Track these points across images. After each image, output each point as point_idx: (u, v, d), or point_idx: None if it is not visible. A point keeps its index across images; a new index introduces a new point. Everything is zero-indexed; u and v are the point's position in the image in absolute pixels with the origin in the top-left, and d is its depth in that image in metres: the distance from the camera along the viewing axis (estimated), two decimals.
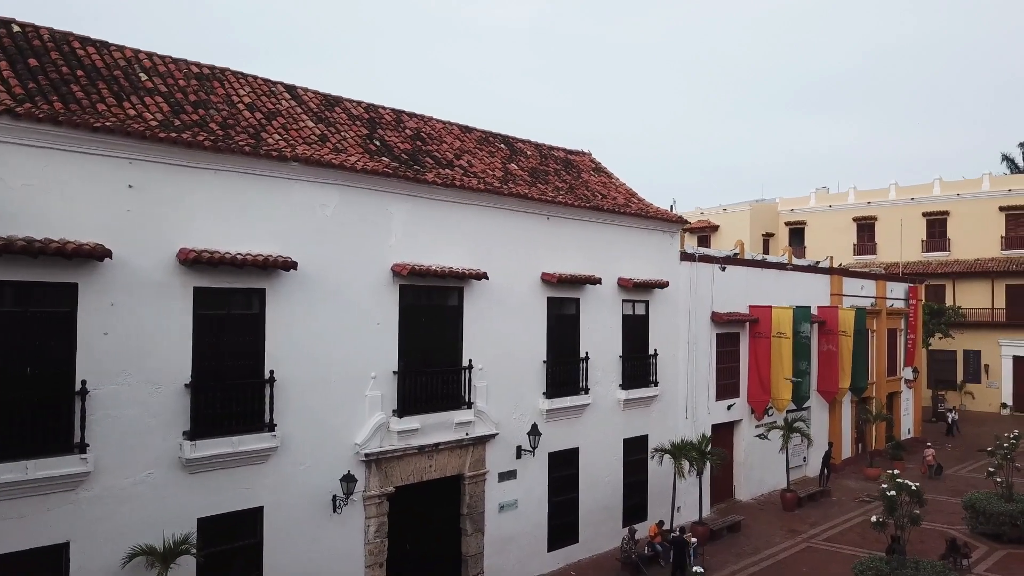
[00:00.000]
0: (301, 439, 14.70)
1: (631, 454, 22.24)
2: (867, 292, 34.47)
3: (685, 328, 24.08)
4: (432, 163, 18.07)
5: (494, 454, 18.30)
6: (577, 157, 24.78)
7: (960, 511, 25.03)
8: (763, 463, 27.59)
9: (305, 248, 14.82)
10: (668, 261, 23.63)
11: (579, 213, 20.67)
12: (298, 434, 14.65)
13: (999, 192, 50.16)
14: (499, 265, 18.40)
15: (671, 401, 23.60)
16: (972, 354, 50.10)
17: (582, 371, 20.40)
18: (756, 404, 26.86)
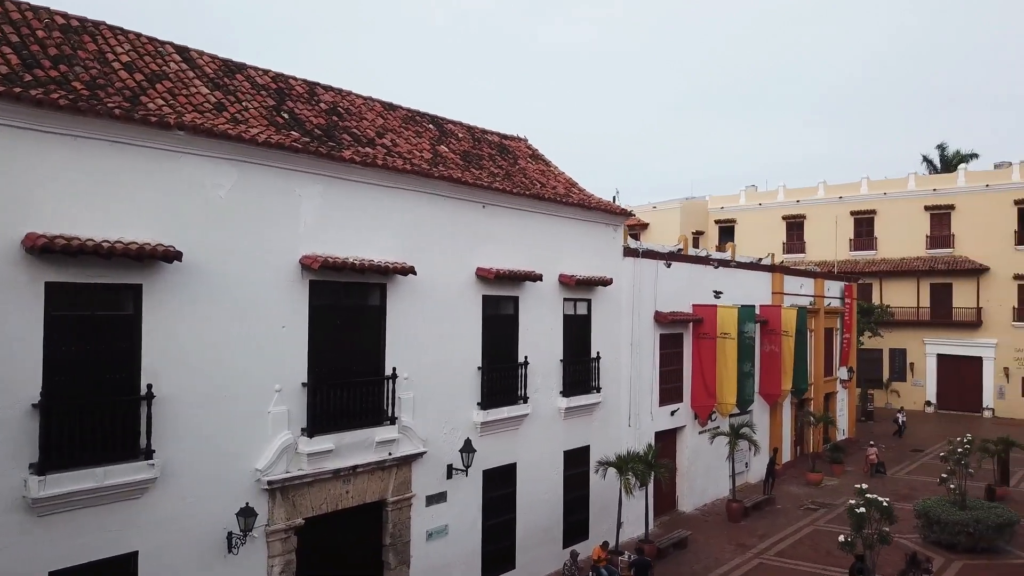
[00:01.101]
0: (188, 467, 12.13)
1: (572, 467, 20.28)
2: (806, 291, 33.53)
3: (628, 329, 22.27)
4: (350, 140, 15.64)
5: (422, 475, 16.01)
6: (513, 143, 22.67)
7: (909, 518, 23.99)
8: (707, 471, 26.10)
9: (193, 235, 12.25)
10: (611, 257, 21.76)
11: (518, 202, 18.55)
12: (184, 461, 12.07)
13: (924, 191, 50.49)
14: (428, 259, 16.14)
15: (614, 408, 21.76)
16: (898, 353, 50.39)
17: (521, 378, 18.29)
18: (700, 409, 25.31)
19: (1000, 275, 46.81)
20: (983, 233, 47.52)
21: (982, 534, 20.57)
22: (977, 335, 47.52)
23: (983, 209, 47.72)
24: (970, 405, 47.41)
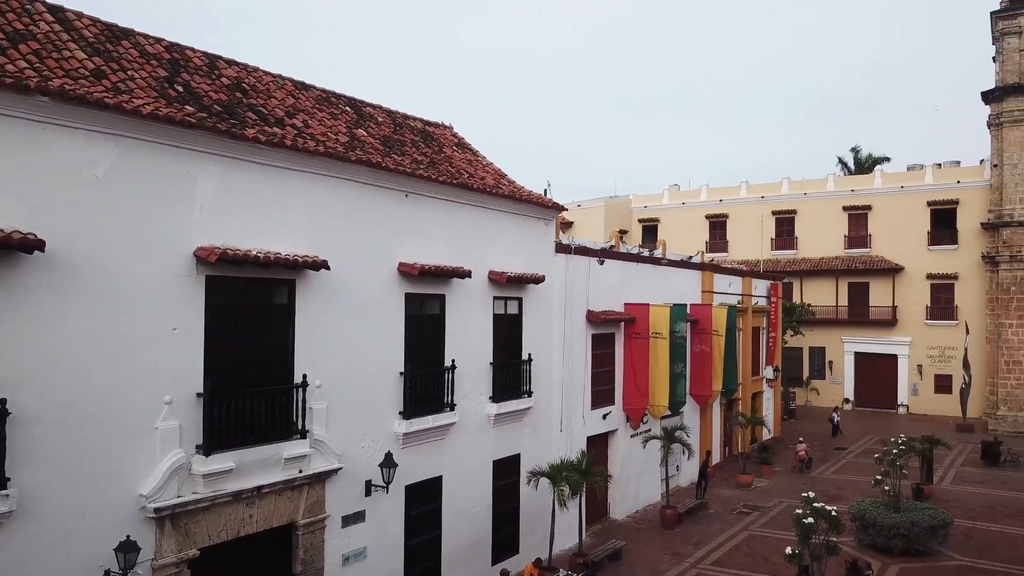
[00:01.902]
0: (54, 497, 10.20)
1: (502, 477, 18.92)
2: (734, 289, 33.11)
3: (560, 329, 21.08)
4: (255, 119, 13.86)
5: (337, 493, 14.35)
6: (437, 130, 21.14)
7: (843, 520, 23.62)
8: (639, 476, 25.18)
9: (60, 222, 10.32)
10: (543, 253, 20.51)
11: (444, 191, 17.06)
12: (50, 490, 10.15)
13: (842, 192, 51.28)
14: (344, 252, 14.50)
15: (545, 413, 20.51)
16: (817, 351, 51.03)
17: (447, 383, 16.80)
18: (633, 412, 24.35)
19: (914, 275, 47.87)
20: (898, 233, 48.52)
21: (917, 536, 20.20)
22: (893, 333, 48.49)
23: (898, 210, 48.72)
24: (886, 402, 48.34)
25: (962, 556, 20.50)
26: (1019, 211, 43.72)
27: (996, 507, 25.57)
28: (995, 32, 45.73)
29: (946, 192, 47.42)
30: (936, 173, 48.56)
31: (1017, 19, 44.25)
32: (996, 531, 22.88)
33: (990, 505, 25.81)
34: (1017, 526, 23.47)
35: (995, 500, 26.45)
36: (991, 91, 45.25)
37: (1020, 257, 43.46)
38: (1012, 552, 20.95)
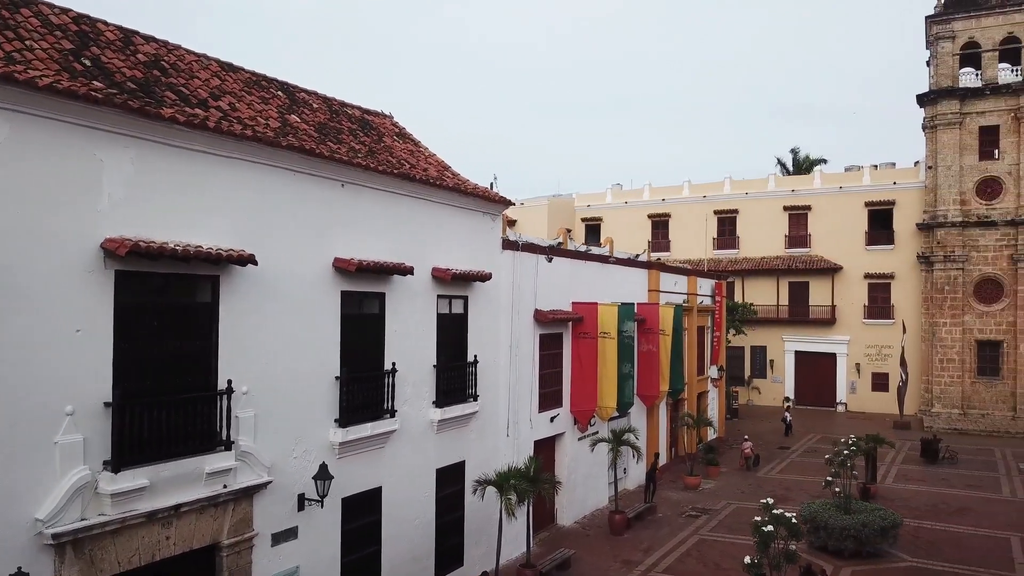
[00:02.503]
0: None
1: (446, 486, 17.91)
2: (680, 288, 32.71)
3: (507, 329, 20.16)
4: (175, 99, 12.56)
5: (266, 509, 13.14)
6: (377, 119, 20.00)
7: None
8: (586, 480, 24.45)
9: None
10: (489, 249, 19.57)
11: (384, 182, 15.96)
12: None
13: (783, 192, 51.67)
14: (275, 246, 13.31)
15: (491, 417, 19.57)
16: (759, 350, 51.32)
17: (387, 388, 15.69)
18: (580, 414, 23.60)
19: (852, 274, 48.48)
20: (837, 233, 49.09)
21: (868, 538, 19.91)
22: (832, 332, 49.05)
23: (837, 210, 49.30)
24: (825, 400, 48.86)
25: (911, 557, 20.31)
26: (953, 212, 44.62)
27: (939, 505, 25.65)
28: (929, 36, 46.62)
29: (883, 193, 48.15)
30: (873, 174, 49.32)
31: (951, 24, 45.16)
32: (941, 530, 22.85)
33: (933, 503, 25.89)
34: (960, 524, 23.51)
35: (937, 498, 26.56)
36: (925, 94, 46.13)
37: (953, 257, 44.36)
38: (959, 551, 20.87)
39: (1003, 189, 43.85)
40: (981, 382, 44.03)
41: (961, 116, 44.51)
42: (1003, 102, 43.72)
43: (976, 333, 44.11)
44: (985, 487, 28.28)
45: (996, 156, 44.17)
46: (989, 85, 44.03)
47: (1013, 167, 43.50)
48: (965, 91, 44.41)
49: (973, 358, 44.18)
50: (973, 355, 44.17)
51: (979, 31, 44.68)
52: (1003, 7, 44.13)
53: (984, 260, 44.07)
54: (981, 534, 22.51)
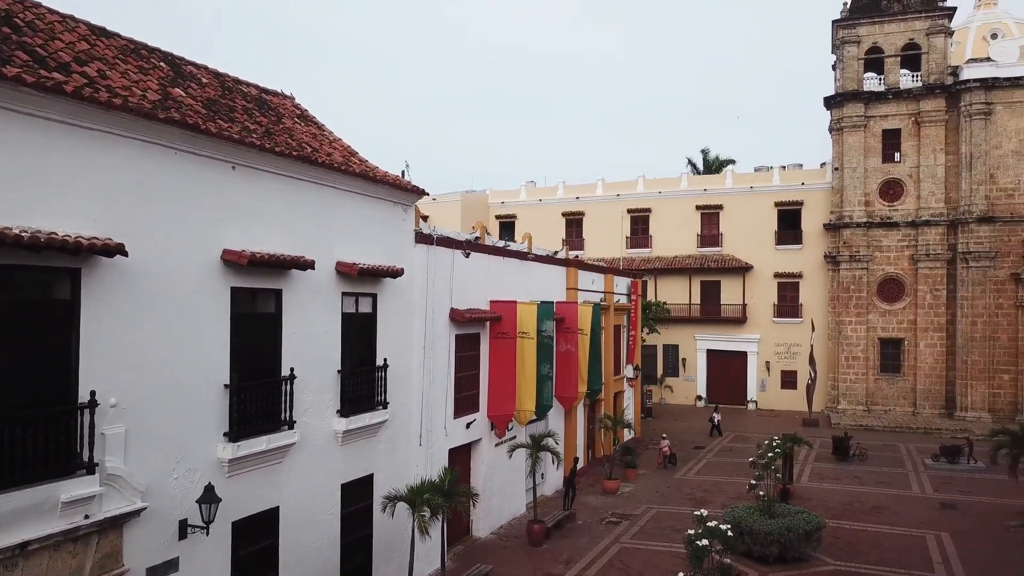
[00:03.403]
0: None
1: (352, 503, 16.32)
2: (597, 287, 31.91)
3: (421, 329, 18.70)
4: (27, 59, 10.59)
5: (140, 540, 11.31)
6: (276, 99, 18.21)
7: None
8: (503, 488, 23.22)
9: None
10: (401, 243, 18.08)
11: (282, 165, 14.28)
12: None
13: (695, 191, 51.86)
14: (150, 235, 11.51)
15: (403, 426, 18.08)
16: (671, 348, 51.34)
17: (285, 396, 14.02)
18: (498, 419, 22.35)
19: (762, 273, 49.01)
20: (748, 233, 49.55)
21: (792, 543, 19.40)
22: (742, 331, 49.47)
23: (748, 210, 49.77)
24: (736, 398, 49.24)
25: (834, 560, 19.92)
26: (858, 213, 45.63)
27: (854, 504, 25.62)
28: (836, 40, 47.57)
29: (792, 193, 48.87)
30: (783, 175, 50.01)
31: (856, 29, 46.17)
32: (859, 530, 22.67)
33: (848, 502, 25.84)
34: (876, 523, 23.43)
35: (852, 497, 26.56)
36: (832, 97, 47.05)
37: (859, 257, 45.36)
38: (878, 552, 20.66)
39: (904, 191, 45.11)
40: (884, 379, 45.20)
41: (866, 119, 45.57)
42: (904, 106, 44.97)
43: (879, 331, 45.26)
44: (896, 484, 28.56)
45: (898, 159, 45.43)
46: (891, 90, 45.22)
47: (913, 170, 44.80)
48: (869, 95, 45.48)
49: (876, 356, 45.32)
50: (876, 353, 45.31)
51: (882, 36, 45.84)
52: (904, 14, 45.42)
53: (887, 260, 45.24)
54: (897, 533, 22.44)
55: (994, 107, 42.59)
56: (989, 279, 42.38)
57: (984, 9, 61.43)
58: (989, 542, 21.40)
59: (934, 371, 43.92)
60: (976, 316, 42.41)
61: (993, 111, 42.61)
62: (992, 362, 42.12)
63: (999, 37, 52.06)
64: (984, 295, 42.35)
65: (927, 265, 44.06)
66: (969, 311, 42.53)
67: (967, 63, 44.18)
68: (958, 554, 20.44)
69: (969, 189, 42.86)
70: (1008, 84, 42.29)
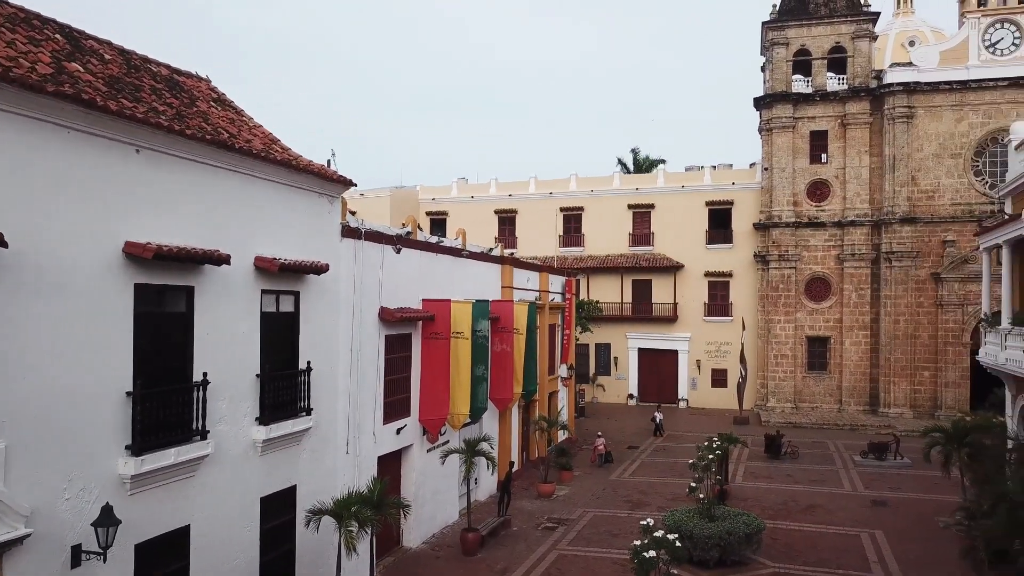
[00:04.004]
0: None
1: (273, 517, 15.09)
2: (532, 285, 31.18)
3: (348, 329, 17.56)
4: None
5: (23, 570, 9.94)
6: (190, 80, 16.77)
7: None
8: (435, 495, 22.22)
9: None
10: (327, 237, 16.90)
11: (194, 150, 13.00)
12: None
13: (628, 190, 51.73)
14: (37, 223, 10.16)
15: (328, 433, 16.90)
16: (603, 347, 51.09)
17: (197, 404, 12.74)
18: (431, 423, 21.34)
19: (693, 272, 49.19)
20: (679, 232, 49.66)
21: (733, 546, 19.01)
22: (674, 329, 49.56)
23: (679, 209, 49.88)
24: (668, 397, 49.26)
25: (773, 562, 19.64)
26: (787, 212, 46.19)
27: (789, 503, 25.55)
28: (765, 42, 48.08)
29: (722, 193, 49.19)
30: (713, 175, 50.30)
31: (785, 31, 46.72)
32: (796, 530, 22.52)
33: (783, 501, 25.77)
34: (812, 522, 23.36)
35: (786, 496, 26.51)
36: (762, 98, 47.53)
37: (788, 256, 45.93)
38: (816, 553, 20.50)
39: (831, 192, 45.87)
40: (811, 377, 45.89)
41: (794, 120, 46.16)
42: (831, 109, 45.71)
43: (807, 330, 45.94)
44: (827, 481, 28.71)
45: (824, 160, 46.16)
46: (819, 92, 45.91)
47: (839, 171, 45.59)
48: (798, 96, 46.08)
49: (804, 354, 45.98)
50: (804, 351, 45.97)
51: (810, 39, 46.50)
52: (831, 18, 46.17)
53: (814, 259, 45.94)
54: (833, 532, 22.38)
55: (916, 111, 43.64)
56: (911, 278, 43.42)
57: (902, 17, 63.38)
58: (922, 541, 21.50)
59: (859, 368, 44.80)
60: (899, 314, 43.41)
61: (915, 115, 43.66)
62: (913, 359, 43.18)
63: (916, 44, 53.70)
64: (906, 294, 43.38)
65: (852, 265, 44.91)
66: (892, 310, 43.50)
67: (890, 67, 45.18)
68: (893, 553, 20.44)
69: (892, 191, 43.82)
70: (929, 89, 43.38)
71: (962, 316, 42.28)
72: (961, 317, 42.30)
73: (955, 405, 41.90)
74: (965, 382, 42.05)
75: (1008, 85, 42.18)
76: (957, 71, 43.03)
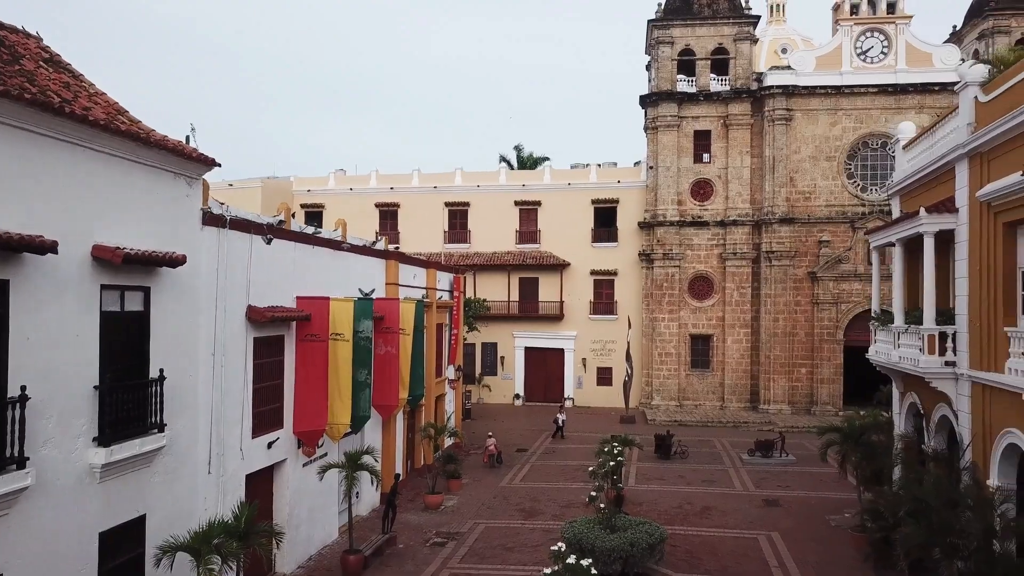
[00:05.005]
0: None
1: (115, 556, 12.72)
2: (419, 282, 29.38)
3: (210, 332, 15.27)
4: None
5: None
6: (17, 37, 14.03)
7: (544, 541, 20.96)
8: (313, 515, 20.10)
9: None
10: (184, 224, 14.57)
11: (13, 114, 10.55)
12: None
13: (514, 186, 50.67)
14: None
15: (186, 451, 14.59)
16: (490, 346, 49.83)
17: (12, 425, 10.29)
18: (307, 435, 19.21)
19: (580, 270, 48.67)
20: (566, 230, 49.03)
21: (636, 558, 17.95)
22: (560, 328, 48.89)
23: (565, 207, 49.26)
24: (554, 396, 48.51)
25: (676, 572, 18.75)
26: (671, 212, 46.35)
27: (684, 506, 24.92)
28: (651, 40, 48.12)
29: (608, 191, 48.91)
30: (599, 172, 49.96)
31: (670, 29, 46.85)
32: (694, 535, 21.81)
33: (678, 504, 25.12)
34: (709, 526, 22.75)
35: (681, 498, 25.90)
36: (647, 96, 47.55)
37: (672, 255, 46.09)
38: (717, 559, 19.79)
39: (714, 191, 46.38)
40: (695, 374, 46.27)
41: (679, 119, 46.37)
42: (714, 109, 46.20)
43: (691, 328, 46.28)
44: (719, 482, 28.40)
45: (707, 160, 46.62)
46: (703, 92, 46.31)
47: (722, 171, 46.14)
48: (683, 95, 46.32)
49: (688, 352, 46.31)
50: (688, 349, 46.30)
51: (694, 39, 46.84)
52: (714, 19, 46.66)
53: (698, 258, 46.33)
54: (730, 536, 21.82)
55: (794, 113, 44.66)
56: (789, 277, 44.43)
57: (775, 25, 65.56)
58: (818, 541, 21.24)
59: (740, 366, 45.50)
60: (778, 313, 44.32)
61: (793, 117, 44.68)
62: (792, 356, 44.19)
63: (788, 52, 55.46)
64: (785, 292, 44.35)
65: (734, 264, 45.54)
66: (772, 308, 44.36)
67: (770, 70, 46.12)
68: (792, 556, 20.01)
69: (771, 191, 44.69)
70: (806, 92, 44.49)
71: (836, 314, 43.60)
72: (836, 315, 43.61)
73: (830, 401, 43.24)
74: (839, 378, 43.43)
75: (878, 92, 43.83)
76: (832, 76, 44.34)
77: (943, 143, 18.98)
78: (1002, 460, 15.52)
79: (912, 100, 43.58)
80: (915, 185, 21.11)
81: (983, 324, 16.37)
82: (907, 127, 23.37)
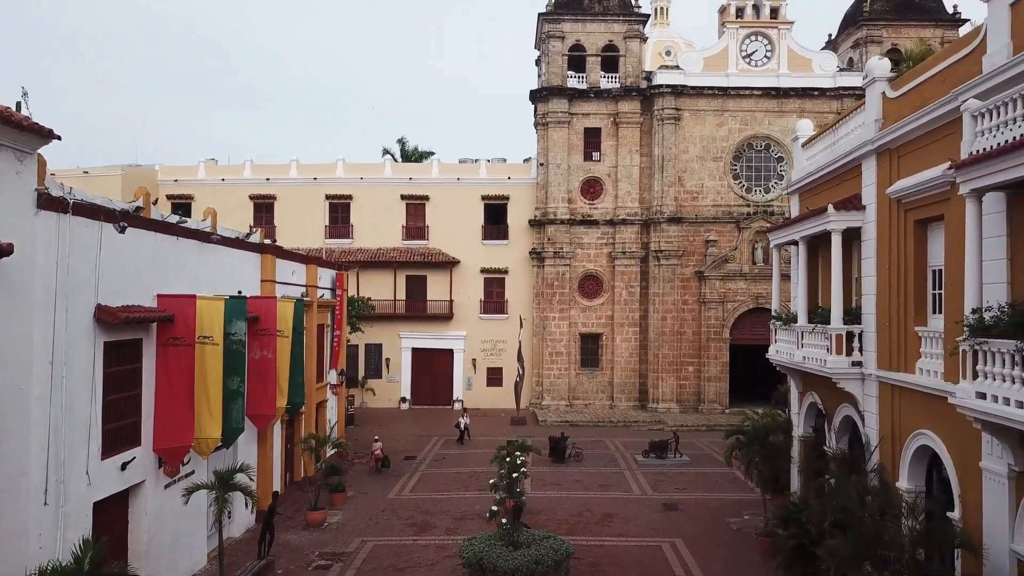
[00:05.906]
0: None
1: None
2: (298, 279, 27.08)
3: (48, 336, 12.81)
4: None
5: None
6: None
7: (439, 559, 19.44)
8: (177, 541, 17.70)
9: None
10: (15, 207, 12.07)
11: None
12: None
13: (401, 179, 48.64)
14: None
15: (14, 479, 12.11)
16: (374, 348, 47.62)
17: None
18: (170, 452, 16.79)
19: (469, 268, 47.24)
20: (455, 226, 47.43)
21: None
22: (449, 328, 47.28)
23: (455, 203, 47.69)
24: (442, 398, 46.93)
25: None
26: (562, 209, 45.66)
27: (584, 513, 23.91)
28: (541, 34, 47.28)
29: (498, 187, 47.72)
30: (490, 168, 48.69)
31: (561, 24, 46.15)
32: (597, 545, 20.79)
33: (578, 511, 24.08)
34: (611, 535, 21.81)
35: (580, 505, 24.87)
36: (538, 91, 46.68)
37: (563, 254, 45.41)
38: (621, 571, 18.86)
39: (603, 190, 46.04)
40: (584, 373, 45.78)
41: (570, 116, 45.73)
42: (605, 106, 45.83)
43: (580, 327, 45.76)
44: (616, 486, 27.61)
45: (598, 158, 46.20)
46: (593, 88, 45.86)
47: (612, 169, 45.85)
48: (573, 91, 45.72)
49: (577, 351, 45.78)
50: (577, 348, 45.77)
51: (585, 35, 46.32)
52: (604, 15, 46.30)
53: (588, 257, 45.86)
54: (634, 545, 20.92)
55: (682, 113, 44.87)
56: (677, 276, 44.60)
57: (659, 27, 66.36)
58: (722, 546, 20.67)
59: (629, 364, 45.34)
60: (666, 311, 44.40)
61: (681, 117, 44.88)
62: (679, 355, 44.38)
63: (672, 54, 56.08)
64: (673, 291, 44.49)
65: (624, 263, 45.33)
66: (660, 307, 44.40)
67: (659, 69, 46.24)
68: (698, 563, 19.30)
69: (660, 190, 44.74)
70: (694, 92, 44.77)
71: (723, 313, 44.09)
72: (722, 314, 44.09)
73: (717, 399, 43.69)
74: (725, 376, 43.96)
75: (762, 94, 44.65)
76: (718, 77, 44.83)
77: (847, 140, 18.71)
78: (912, 462, 15.25)
79: (793, 104, 44.62)
80: (817, 183, 20.88)
81: (892, 324, 16.06)
82: (805, 125, 23.25)
